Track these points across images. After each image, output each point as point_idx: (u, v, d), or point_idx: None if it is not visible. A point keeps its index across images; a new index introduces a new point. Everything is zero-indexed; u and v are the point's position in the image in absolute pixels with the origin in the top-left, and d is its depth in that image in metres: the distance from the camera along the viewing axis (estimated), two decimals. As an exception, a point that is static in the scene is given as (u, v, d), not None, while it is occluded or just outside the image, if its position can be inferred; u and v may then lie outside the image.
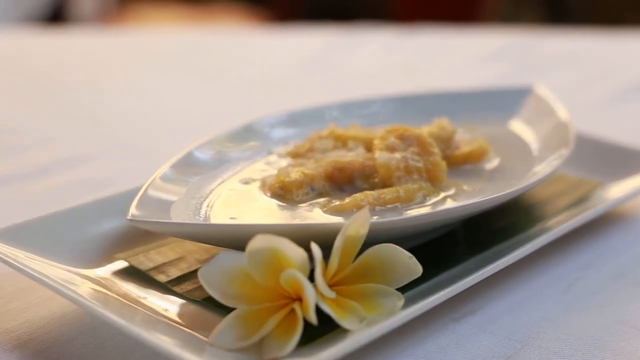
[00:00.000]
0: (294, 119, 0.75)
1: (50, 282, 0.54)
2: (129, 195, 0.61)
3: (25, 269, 0.56)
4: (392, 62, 1.29)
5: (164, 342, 0.48)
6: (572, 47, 1.31)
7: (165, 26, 2.44)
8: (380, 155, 0.63)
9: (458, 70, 1.24)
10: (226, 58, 1.37)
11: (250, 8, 2.63)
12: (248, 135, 0.72)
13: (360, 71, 1.25)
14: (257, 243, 0.49)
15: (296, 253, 0.49)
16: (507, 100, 0.77)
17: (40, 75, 1.28)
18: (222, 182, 0.66)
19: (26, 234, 0.60)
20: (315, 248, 0.49)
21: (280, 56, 1.36)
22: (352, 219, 0.50)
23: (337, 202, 0.60)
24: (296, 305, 0.49)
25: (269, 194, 0.63)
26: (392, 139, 0.64)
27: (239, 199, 0.63)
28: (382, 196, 0.60)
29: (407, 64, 1.28)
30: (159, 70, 1.30)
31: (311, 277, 0.49)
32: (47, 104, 1.14)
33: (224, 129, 0.71)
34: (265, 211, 0.61)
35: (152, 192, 0.60)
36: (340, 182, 0.63)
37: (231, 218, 0.60)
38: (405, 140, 0.64)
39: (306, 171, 0.63)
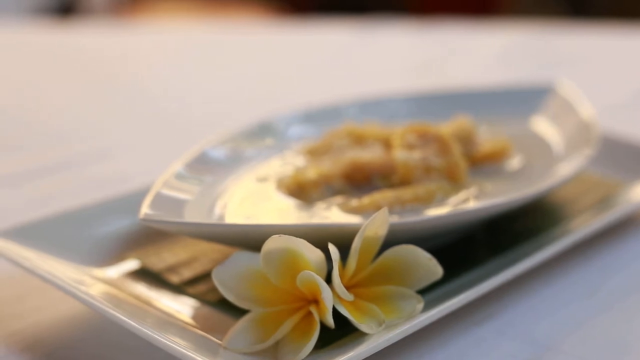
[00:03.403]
0: (310, 116, 0.74)
1: (61, 283, 0.53)
2: (141, 194, 0.60)
3: (35, 269, 0.55)
4: (411, 58, 1.28)
5: (177, 344, 0.47)
6: (594, 42, 1.30)
7: (178, 19, 2.43)
8: (399, 154, 0.62)
9: (478, 66, 1.23)
10: (242, 53, 1.36)
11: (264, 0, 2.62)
12: (263, 133, 0.71)
13: (378, 67, 1.24)
14: (273, 243, 0.48)
15: (313, 254, 0.48)
16: (528, 98, 0.76)
17: (53, 70, 1.28)
18: (237, 180, 0.65)
19: (36, 234, 0.59)
20: (333, 249, 0.48)
21: (297, 51, 1.36)
22: (371, 220, 0.49)
23: (355, 202, 0.59)
24: (313, 308, 0.48)
25: (285, 193, 0.62)
26: (411, 137, 0.63)
27: (254, 198, 0.62)
28: (401, 196, 0.59)
29: (426, 60, 1.26)
30: (173, 66, 1.30)
31: (328, 279, 0.48)
32: (60, 100, 1.13)
33: (239, 126, 0.70)
34: (281, 211, 0.60)
35: (165, 191, 0.59)
36: (358, 181, 0.62)
37: (246, 218, 0.59)
38: (425, 138, 0.63)
39: (323, 170, 0.62)
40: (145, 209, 0.55)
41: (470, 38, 1.36)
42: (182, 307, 0.54)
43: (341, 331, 0.49)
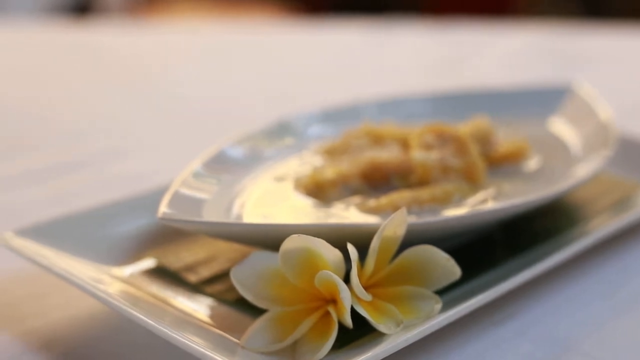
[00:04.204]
0: (328, 116, 0.74)
1: (79, 282, 0.53)
2: (159, 193, 0.60)
3: (53, 267, 0.55)
4: (427, 58, 1.28)
5: (195, 343, 0.47)
6: (611, 43, 1.30)
7: (193, 19, 2.43)
8: (417, 154, 0.62)
9: (494, 67, 1.22)
10: (257, 53, 1.36)
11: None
12: (281, 132, 0.70)
13: (393, 67, 1.24)
14: (291, 243, 0.48)
15: (331, 254, 0.48)
16: (546, 98, 0.76)
17: (70, 69, 1.28)
18: (255, 179, 0.65)
19: (54, 232, 0.59)
20: (352, 249, 0.48)
21: (311, 51, 1.35)
22: (390, 220, 0.49)
23: (373, 202, 0.59)
24: (331, 308, 0.48)
25: (302, 193, 0.62)
26: (429, 137, 0.63)
27: (272, 198, 0.62)
28: (418, 196, 0.59)
29: (442, 60, 1.26)
30: (188, 66, 1.30)
31: (346, 279, 0.48)
32: (76, 99, 1.13)
33: (256, 125, 0.70)
34: (299, 210, 0.60)
35: (183, 190, 0.59)
36: (376, 181, 0.62)
37: (264, 217, 0.59)
38: (443, 138, 0.63)
39: (341, 170, 0.62)
40: (163, 208, 0.55)
41: (486, 38, 1.36)
42: (199, 306, 0.54)
43: (359, 331, 0.48)
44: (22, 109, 1.09)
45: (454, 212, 0.59)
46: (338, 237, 0.49)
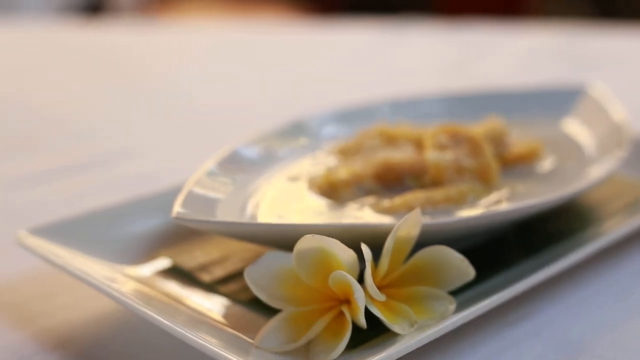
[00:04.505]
0: (342, 116, 0.74)
1: (92, 280, 0.53)
2: (173, 193, 0.60)
3: (67, 266, 0.55)
4: (439, 59, 1.28)
5: (209, 342, 0.47)
6: (624, 44, 1.29)
7: (205, 18, 2.44)
8: (431, 155, 0.62)
9: (506, 67, 1.22)
10: (268, 53, 1.36)
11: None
12: (295, 132, 0.70)
13: (406, 67, 1.24)
14: (305, 243, 0.48)
15: (345, 254, 0.48)
16: (560, 99, 0.75)
17: (82, 69, 1.28)
18: (269, 179, 0.65)
19: (68, 231, 0.59)
20: (366, 249, 0.48)
21: (323, 51, 1.35)
22: (404, 220, 0.49)
23: (387, 202, 0.59)
24: (345, 308, 0.48)
25: (316, 193, 0.62)
26: (443, 138, 0.63)
27: (286, 198, 0.62)
28: (432, 197, 0.59)
29: (454, 60, 1.26)
30: (200, 65, 1.30)
31: (360, 279, 0.48)
32: (88, 98, 1.14)
33: (270, 125, 0.70)
34: (312, 210, 0.60)
35: (197, 190, 0.59)
36: (390, 182, 0.62)
37: (278, 217, 0.59)
38: (457, 139, 0.63)
39: (355, 170, 0.62)
40: (177, 208, 0.55)
41: (498, 39, 1.36)
42: (213, 306, 0.54)
43: (373, 331, 0.48)
44: (33, 109, 1.09)
45: (468, 213, 0.59)
46: (352, 238, 0.49)
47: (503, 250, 0.60)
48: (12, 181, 0.84)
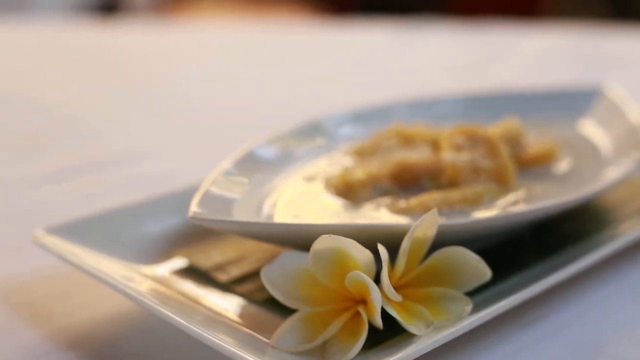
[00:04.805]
0: (359, 117, 0.74)
1: (109, 279, 0.53)
2: (188, 193, 0.60)
3: (84, 265, 0.55)
4: (455, 59, 1.28)
5: (225, 342, 0.47)
6: None
7: (219, 18, 2.44)
8: (447, 155, 0.61)
9: (521, 68, 1.22)
10: (283, 53, 1.36)
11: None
12: (312, 132, 0.71)
13: (421, 68, 1.24)
14: (322, 243, 0.48)
15: (362, 254, 0.48)
16: (576, 100, 0.75)
17: (98, 69, 1.29)
18: (285, 179, 0.65)
19: (84, 231, 0.60)
20: (382, 249, 0.48)
21: (338, 51, 1.35)
22: (421, 221, 0.49)
23: (403, 203, 0.59)
24: (361, 308, 0.48)
25: (332, 193, 0.62)
26: (460, 139, 0.63)
27: (302, 198, 0.62)
28: (449, 197, 0.59)
29: (470, 61, 1.26)
30: (217, 66, 1.30)
31: (376, 280, 0.48)
32: (106, 98, 1.14)
33: (287, 125, 0.70)
34: (329, 210, 0.60)
35: (214, 190, 0.59)
36: (406, 182, 0.62)
37: (294, 217, 0.59)
38: (473, 140, 0.63)
39: (371, 170, 0.62)
40: (194, 208, 0.55)
41: (514, 39, 1.36)
42: (229, 306, 0.54)
43: (388, 332, 0.48)
44: (46, 108, 1.09)
45: (484, 214, 0.58)
46: (368, 238, 0.49)
47: (519, 251, 0.60)
48: (25, 181, 0.84)
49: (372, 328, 0.47)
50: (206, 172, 0.62)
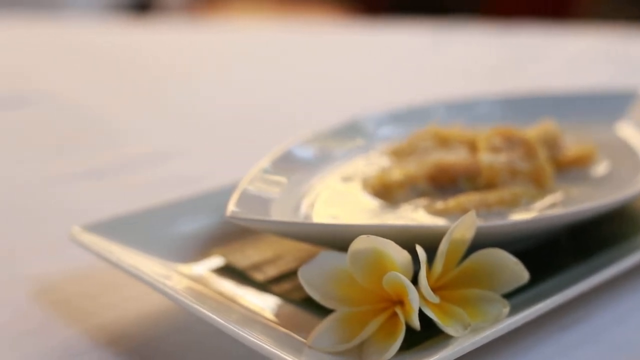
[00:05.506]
0: (397, 117, 0.74)
1: (146, 277, 0.53)
2: (225, 192, 0.60)
3: (121, 263, 0.55)
4: (488, 61, 1.27)
5: (262, 341, 0.47)
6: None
7: (251, 18, 2.44)
8: (484, 157, 0.61)
9: (556, 70, 1.21)
10: (314, 53, 1.36)
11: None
12: (350, 132, 0.70)
13: (455, 70, 1.23)
14: (360, 244, 0.48)
15: (400, 255, 0.48)
16: (614, 103, 0.75)
17: (133, 69, 1.29)
18: (322, 179, 0.65)
19: (121, 229, 0.60)
20: (421, 251, 0.47)
21: (369, 52, 1.35)
22: (459, 222, 0.49)
23: (440, 204, 0.59)
24: (398, 309, 0.48)
25: (370, 193, 0.62)
26: (497, 140, 0.63)
27: (340, 198, 0.62)
28: (486, 199, 0.59)
29: (504, 63, 1.25)
30: (251, 66, 1.30)
31: (413, 281, 0.48)
32: (135, 98, 1.14)
33: (324, 125, 0.70)
34: (366, 211, 0.60)
35: (251, 189, 0.59)
36: (443, 183, 0.62)
37: (332, 217, 0.59)
38: (511, 141, 0.63)
39: (409, 171, 0.62)
40: (232, 207, 0.55)
41: (548, 41, 1.35)
42: (266, 305, 0.54)
43: (425, 333, 0.48)
44: (77, 108, 1.10)
45: (522, 216, 0.58)
46: (406, 239, 0.49)
47: (556, 253, 0.60)
48: (58, 180, 0.84)
49: (408, 329, 0.47)
50: (237, 173, 0.62)
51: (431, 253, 0.49)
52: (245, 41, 1.46)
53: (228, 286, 0.56)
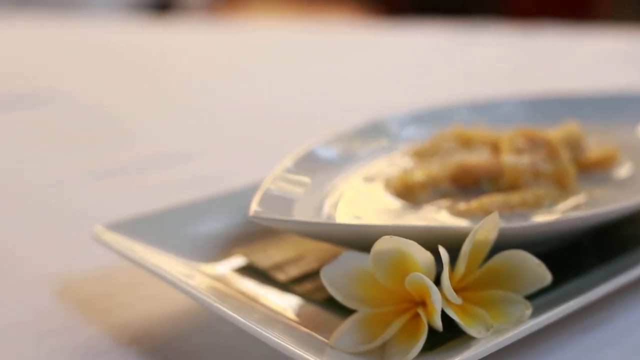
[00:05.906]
0: (419, 118, 0.74)
1: (169, 276, 0.54)
2: (248, 192, 0.60)
3: (143, 262, 0.55)
4: (509, 62, 1.27)
5: (284, 341, 0.47)
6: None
7: (272, 18, 2.44)
8: (507, 158, 0.61)
9: (577, 71, 1.21)
10: (335, 54, 1.36)
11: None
12: (372, 133, 0.70)
13: (476, 71, 1.23)
14: (383, 244, 0.48)
15: (423, 256, 0.48)
16: (637, 105, 0.75)
17: (149, 68, 1.29)
18: (344, 180, 0.65)
19: (143, 228, 0.60)
20: (443, 252, 0.47)
21: (390, 53, 1.35)
22: (482, 223, 0.49)
23: (463, 205, 0.59)
24: (421, 310, 0.48)
25: (392, 194, 0.62)
26: (520, 142, 0.63)
27: (362, 198, 0.62)
28: (509, 200, 0.58)
29: (525, 63, 1.25)
30: (270, 66, 1.30)
31: (436, 282, 0.48)
32: (153, 97, 1.14)
33: (344, 126, 0.70)
34: (389, 212, 0.59)
35: (273, 189, 0.59)
36: (466, 184, 0.62)
37: (355, 218, 0.59)
38: (534, 143, 0.63)
39: (431, 172, 0.62)
40: (255, 207, 0.55)
41: (569, 43, 1.35)
42: (288, 305, 0.54)
43: (447, 334, 0.48)
44: (93, 108, 1.10)
45: (544, 218, 0.58)
46: (429, 240, 0.49)
47: (579, 255, 0.59)
48: (77, 179, 0.84)
49: (431, 330, 0.47)
50: (255, 174, 0.62)
51: (454, 254, 0.49)
52: (264, 41, 1.46)
53: (250, 286, 0.56)
